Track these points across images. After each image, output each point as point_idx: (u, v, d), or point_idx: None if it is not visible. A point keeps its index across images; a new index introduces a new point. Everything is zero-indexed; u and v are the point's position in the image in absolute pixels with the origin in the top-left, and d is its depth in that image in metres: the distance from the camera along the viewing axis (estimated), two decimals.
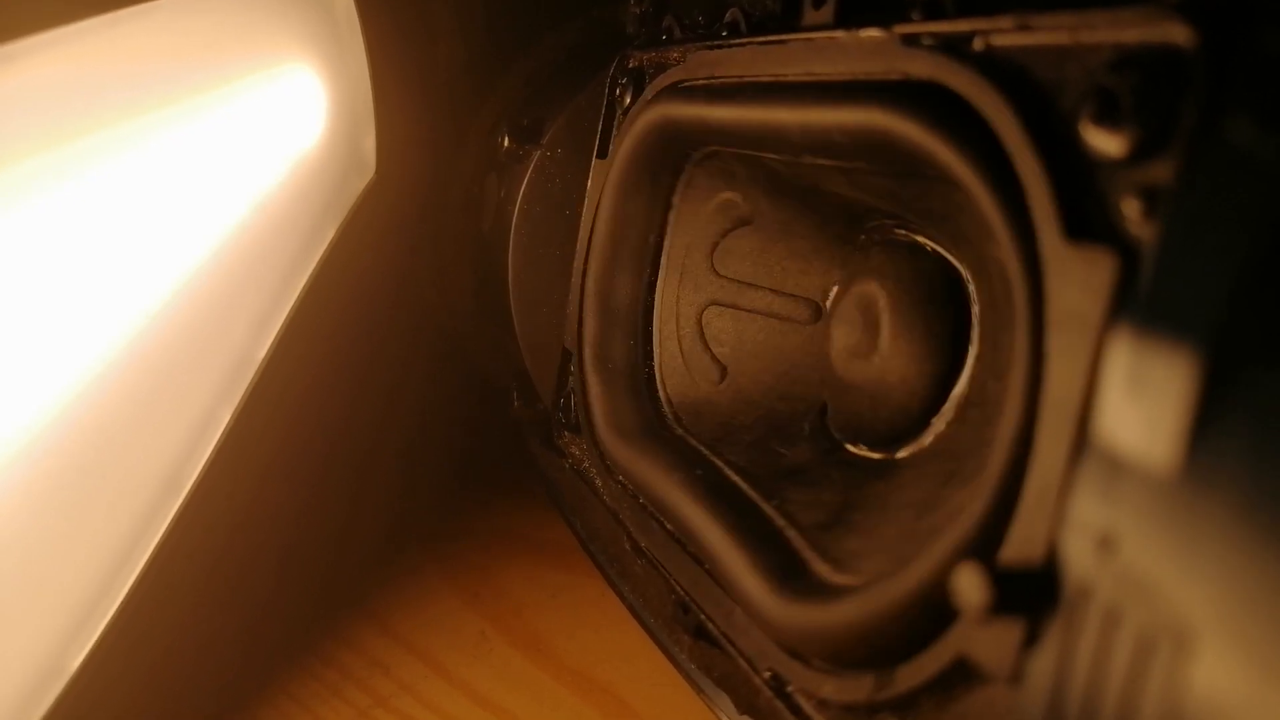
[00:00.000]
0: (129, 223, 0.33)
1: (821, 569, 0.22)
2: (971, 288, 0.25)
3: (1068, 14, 0.17)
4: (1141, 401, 0.12)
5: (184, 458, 0.32)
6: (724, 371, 0.33)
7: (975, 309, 0.25)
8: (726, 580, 0.24)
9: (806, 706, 0.22)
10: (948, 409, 0.25)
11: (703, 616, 0.27)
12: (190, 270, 0.34)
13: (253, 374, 0.34)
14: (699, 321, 0.33)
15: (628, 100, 0.34)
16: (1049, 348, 0.16)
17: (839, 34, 0.23)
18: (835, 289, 0.31)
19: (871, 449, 0.28)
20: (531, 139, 0.37)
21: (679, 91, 0.30)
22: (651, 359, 0.34)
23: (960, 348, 0.25)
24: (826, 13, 0.24)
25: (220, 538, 0.33)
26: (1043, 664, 0.13)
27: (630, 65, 0.34)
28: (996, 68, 0.19)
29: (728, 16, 0.29)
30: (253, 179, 0.35)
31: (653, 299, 0.34)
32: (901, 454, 0.27)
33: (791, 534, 0.24)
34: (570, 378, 0.36)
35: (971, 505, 0.16)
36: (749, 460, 0.29)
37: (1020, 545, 0.15)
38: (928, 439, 0.26)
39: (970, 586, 0.13)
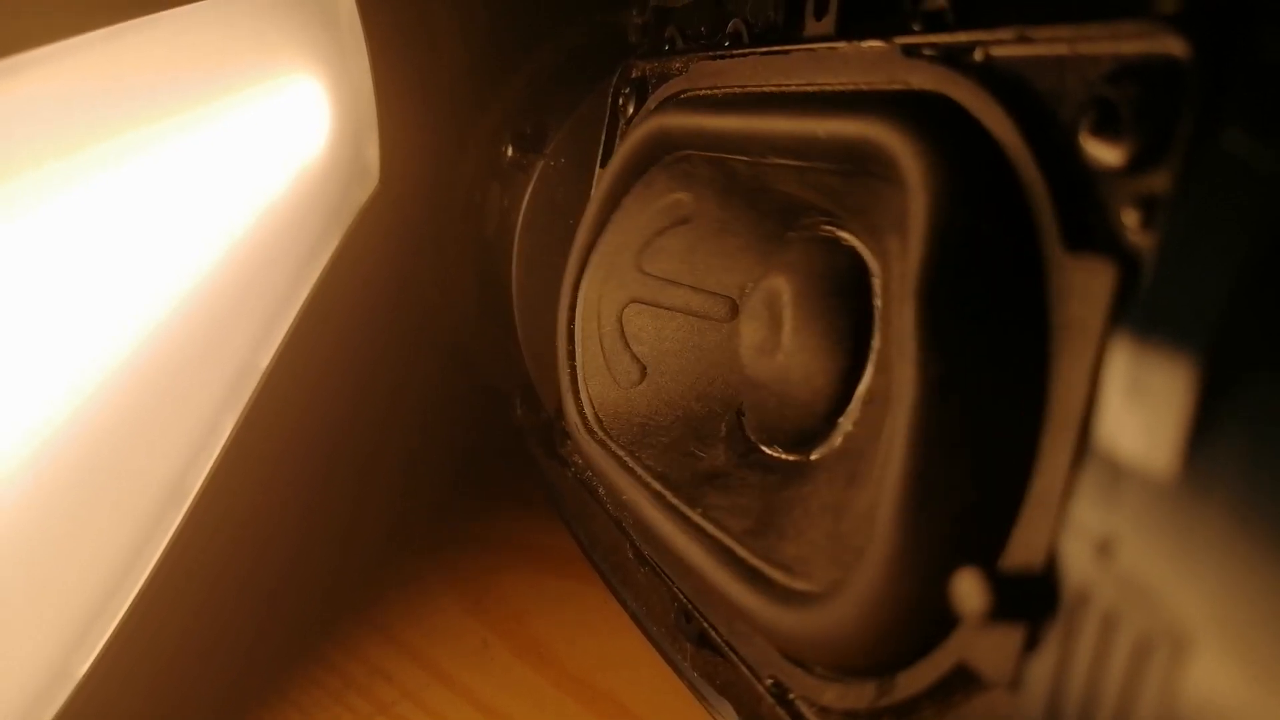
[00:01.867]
0: (134, 232, 0.33)
1: (777, 575, 0.22)
2: (877, 281, 0.25)
3: (1067, 26, 0.17)
4: (1141, 408, 0.13)
5: (188, 465, 0.33)
6: (644, 371, 0.32)
7: (878, 303, 0.24)
8: (715, 587, 0.24)
9: (808, 714, 0.22)
10: (853, 408, 0.24)
11: (705, 624, 0.27)
12: (194, 279, 0.34)
13: (256, 382, 0.34)
14: (619, 319, 0.33)
15: (630, 110, 0.34)
16: (1050, 355, 0.17)
17: (841, 45, 0.23)
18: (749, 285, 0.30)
19: (785, 451, 0.27)
20: (535, 148, 0.37)
21: (681, 102, 0.30)
22: (574, 359, 0.33)
23: (863, 343, 0.25)
24: (828, 24, 0.24)
25: (225, 544, 0.34)
26: (1041, 669, 0.13)
27: (633, 75, 0.35)
28: (996, 78, 0.19)
29: (730, 27, 0.29)
30: (256, 188, 0.36)
31: (576, 298, 0.33)
32: (814, 455, 0.26)
33: (729, 542, 0.24)
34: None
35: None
36: (666, 465, 0.29)
37: (1022, 551, 0.15)
38: (837, 440, 0.25)
39: (970, 593, 0.14)
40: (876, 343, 0.24)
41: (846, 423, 0.25)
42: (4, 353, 0.29)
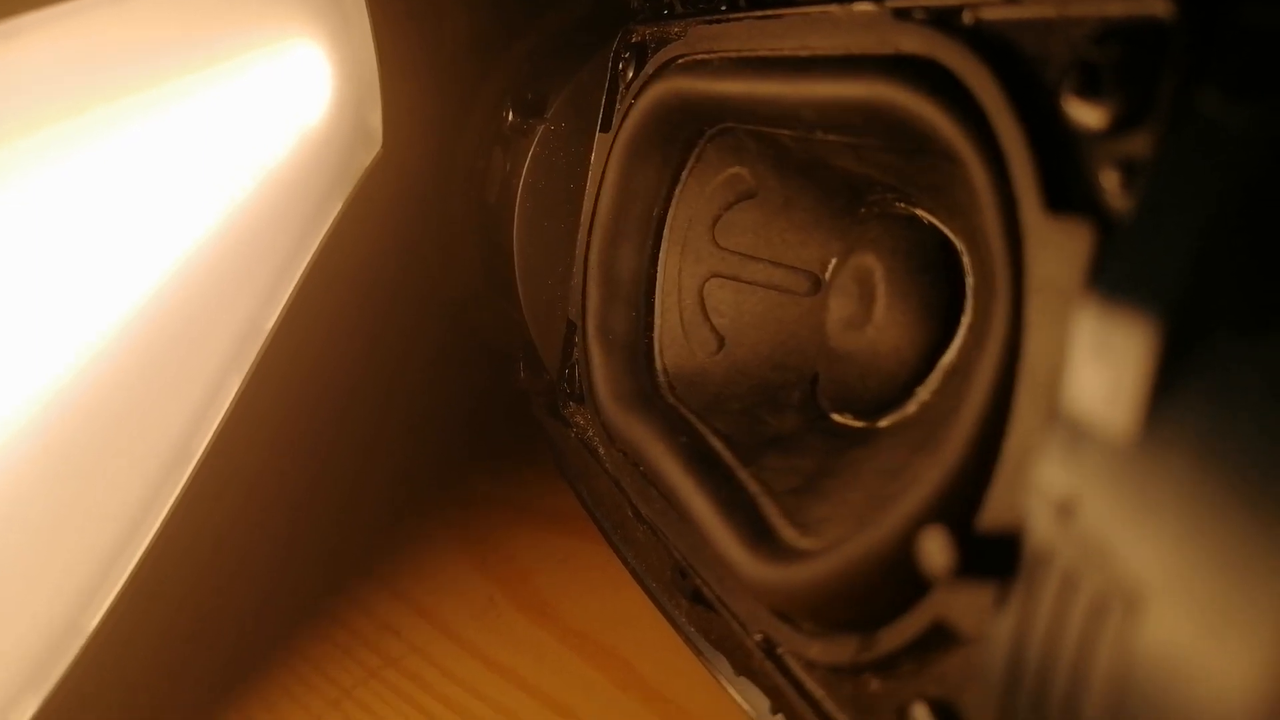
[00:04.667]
0: (138, 195, 0.33)
1: (789, 534, 0.23)
2: (966, 259, 0.26)
3: None
4: (1105, 369, 0.13)
5: (195, 424, 0.33)
6: (721, 342, 0.33)
7: (969, 280, 0.25)
8: (711, 545, 0.25)
9: (795, 668, 0.23)
10: (933, 378, 0.25)
11: (699, 581, 0.28)
12: (198, 242, 0.34)
13: (261, 344, 0.35)
14: (700, 293, 0.34)
15: (630, 74, 0.34)
16: (1027, 317, 0.17)
17: (832, 8, 0.23)
18: (834, 261, 0.31)
19: (856, 418, 0.28)
20: (535, 113, 0.37)
21: (680, 67, 0.30)
22: (652, 330, 0.34)
23: (953, 319, 0.25)
24: None
25: (232, 503, 0.34)
26: (1004, 627, 0.14)
27: (633, 40, 0.34)
28: (985, 41, 0.19)
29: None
30: (259, 153, 0.36)
31: (655, 271, 0.34)
32: (883, 423, 0.27)
33: (764, 500, 0.25)
34: (575, 349, 0.37)
35: (930, 471, 0.16)
36: (734, 428, 0.30)
37: (995, 510, 0.15)
38: (911, 407, 0.26)
39: (935, 550, 0.14)
40: (968, 318, 0.25)
41: (924, 392, 0.26)
42: (10, 315, 0.29)
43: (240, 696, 0.35)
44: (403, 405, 0.44)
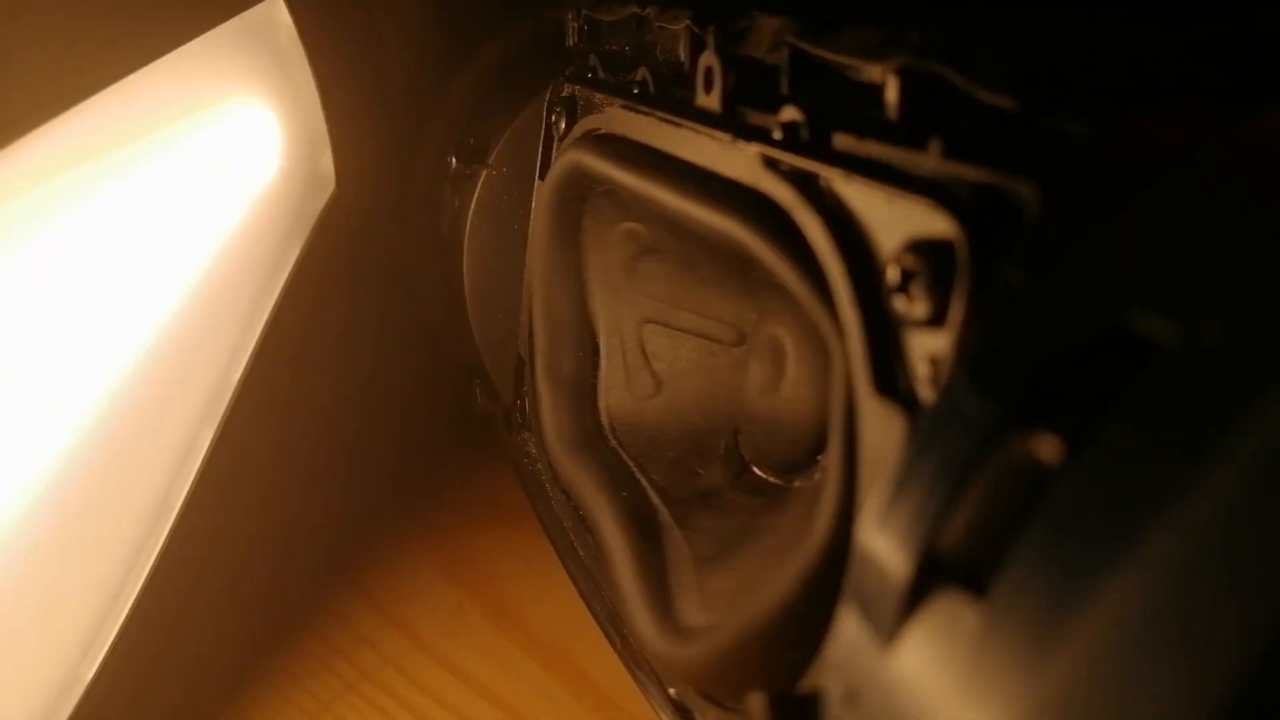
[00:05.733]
0: (102, 260, 0.35)
1: (691, 607, 0.26)
2: None
3: (884, 186, 0.19)
4: (872, 574, 0.15)
5: (173, 478, 0.36)
6: (659, 386, 0.35)
7: None
8: (625, 609, 0.28)
9: None
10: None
11: (626, 629, 0.31)
12: (165, 303, 0.36)
13: (230, 395, 0.38)
14: (639, 337, 0.36)
15: (563, 126, 0.36)
16: (858, 481, 0.19)
17: (718, 134, 0.25)
18: (753, 318, 0.33)
19: (774, 474, 0.31)
20: (478, 158, 0.39)
21: (594, 139, 0.32)
22: (598, 371, 0.36)
23: None
24: (714, 99, 0.26)
25: (213, 546, 0.37)
26: None
27: (564, 94, 0.36)
28: (833, 213, 0.21)
29: (638, 74, 0.30)
30: (218, 209, 0.38)
31: (592, 312, 0.36)
32: (796, 483, 0.30)
33: (683, 568, 0.28)
34: (525, 383, 0.39)
35: (775, 588, 0.19)
36: (670, 479, 0.32)
37: (815, 678, 0.18)
38: (817, 474, 0.29)
39: (756, 710, 0.17)
40: None
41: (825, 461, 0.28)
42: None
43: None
44: (377, 430, 0.47)
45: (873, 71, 0.22)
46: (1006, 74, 0.19)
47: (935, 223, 0.18)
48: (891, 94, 0.20)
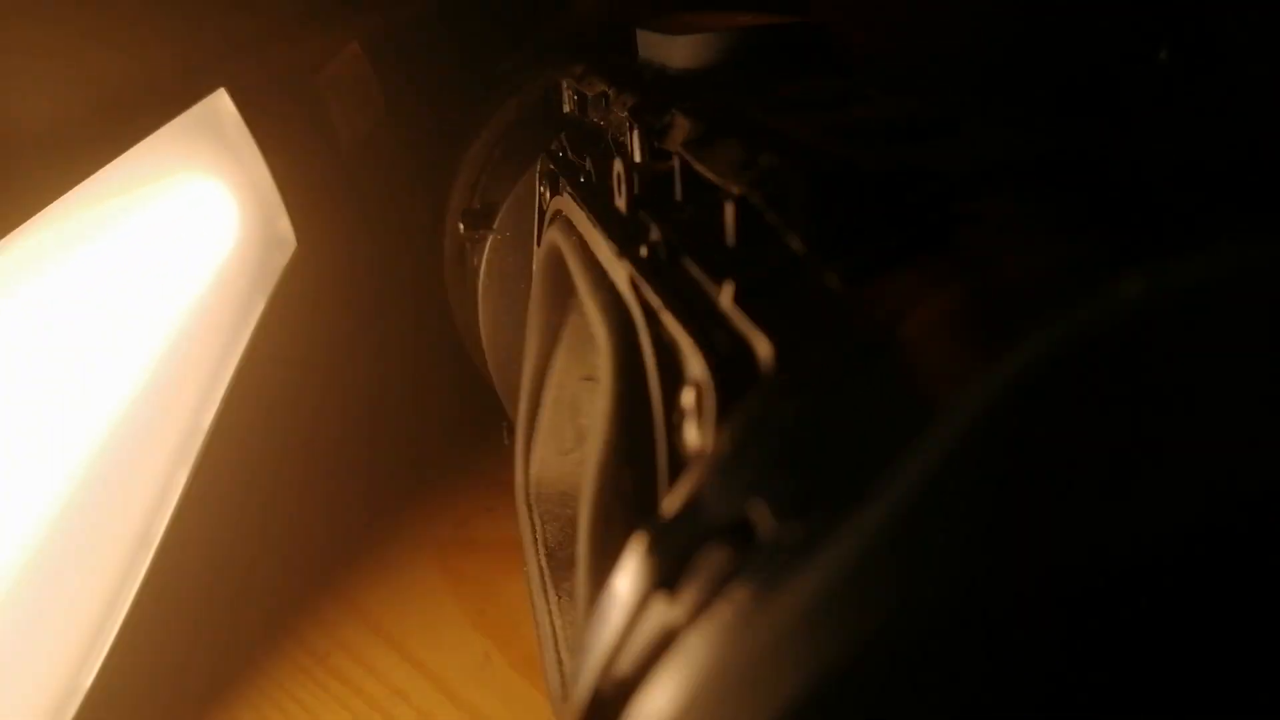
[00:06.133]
0: (76, 323, 0.37)
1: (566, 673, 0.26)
2: None
3: (688, 324, 0.19)
4: None
5: (152, 515, 0.39)
6: (579, 441, 0.35)
7: None
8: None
9: None
10: None
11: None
12: (138, 363, 0.39)
13: (201, 440, 0.40)
14: (574, 391, 0.36)
15: (548, 198, 0.37)
16: None
17: (608, 244, 0.25)
18: None
19: None
20: (484, 224, 0.40)
21: (561, 221, 0.32)
22: (534, 423, 0.37)
23: None
24: (624, 202, 0.26)
25: (199, 577, 0.40)
26: None
27: (550, 168, 0.37)
28: (662, 343, 0.21)
29: (586, 164, 0.31)
30: (182, 278, 0.40)
31: (547, 366, 0.37)
32: None
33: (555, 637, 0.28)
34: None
35: None
36: (558, 540, 0.33)
37: None
38: None
39: None
40: None
41: None
42: None
43: None
44: (359, 460, 0.49)
45: (727, 193, 0.21)
46: (807, 211, 0.18)
47: (697, 367, 0.17)
48: (729, 220, 0.20)
